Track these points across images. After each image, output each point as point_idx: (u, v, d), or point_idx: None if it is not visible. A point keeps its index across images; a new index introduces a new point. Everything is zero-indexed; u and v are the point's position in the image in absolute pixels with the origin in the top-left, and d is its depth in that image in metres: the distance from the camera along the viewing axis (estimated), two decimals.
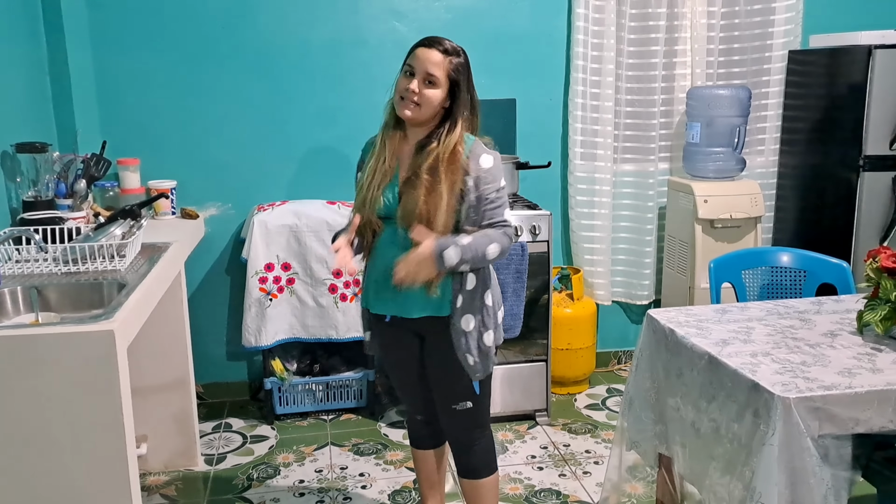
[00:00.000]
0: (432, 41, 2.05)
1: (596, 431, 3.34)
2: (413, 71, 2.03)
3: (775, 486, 1.66)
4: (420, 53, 2.03)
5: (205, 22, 3.34)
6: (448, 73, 2.03)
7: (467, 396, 2.19)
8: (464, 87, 2.06)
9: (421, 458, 2.44)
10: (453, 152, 2.04)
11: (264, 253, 3.23)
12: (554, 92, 3.69)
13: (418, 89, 2.01)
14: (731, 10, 3.66)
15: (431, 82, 2.02)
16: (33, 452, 1.86)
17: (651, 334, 2.21)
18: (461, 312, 2.10)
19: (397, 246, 2.06)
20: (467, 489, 2.32)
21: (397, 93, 2.06)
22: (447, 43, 2.05)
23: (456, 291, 2.10)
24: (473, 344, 2.13)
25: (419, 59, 2.03)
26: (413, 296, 2.08)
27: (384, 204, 2.07)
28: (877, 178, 3.28)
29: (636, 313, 3.97)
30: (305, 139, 3.51)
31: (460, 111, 2.06)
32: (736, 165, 3.57)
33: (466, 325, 2.11)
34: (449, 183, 2.01)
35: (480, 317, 2.14)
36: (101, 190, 3.16)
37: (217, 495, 2.87)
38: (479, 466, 2.28)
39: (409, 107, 2.03)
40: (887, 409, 1.71)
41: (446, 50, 2.04)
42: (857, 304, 2.13)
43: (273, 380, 3.36)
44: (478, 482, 2.29)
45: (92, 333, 1.83)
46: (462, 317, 2.11)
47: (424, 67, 2.01)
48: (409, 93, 2.02)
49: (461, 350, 2.12)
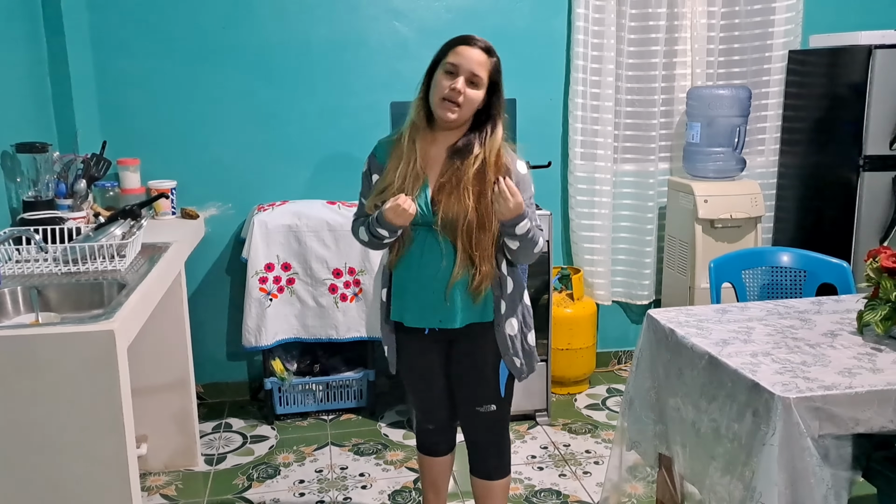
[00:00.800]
0: (473, 39, 1.96)
1: (596, 431, 3.34)
2: (456, 70, 1.94)
3: (775, 486, 1.65)
4: (463, 52, 1.94)
5: (205, 22, 3.34)
6: (490, 74, 1.97)
7: (492, 399, 2.16)
8: (501, 87, 2.00)
9: (429, 464, 2.37)
10: (498, 156, 1.99)
11: (264, 253, 3.23)
12: (554, 92, 3.68)
13: (463, 90, 1.93)
14: (732, 10, 3.65)
15: (475, 83, 1.95)
16: (33, 452, 1.86)
17: (651, 334, 2.21)
18: (506, 316, 2.08)
19: (438, 254, 2.00)
20: (479, 489, 2.30)
21: (438, 93, 1.96)
22: (485, 41, 1.98)
23: (498, 297, 2.07)
24: (518, 346, 2.12)
25: (463, 58, 1.94)
26: (458, 305, 2.03)
27: (418, 212, 1.98)
28: (877, 177, 3.28)
29: (636, 313, 3.96)
30: (305, 139, 3.51)
31: (500, 113, 2.01)
32: (736, 165, 3.57)
33: (511, 329, 2.09)
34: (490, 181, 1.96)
35: (522, 318, 2.13)
36: (102, 190, 3.16)
37: (217, 495, 2.87)
38: (494, 468, 2.26)
39: (452, 109, 1.95)
40: (887, 409, 1.71)
41: (488, 49, 1.97)
42: (858, 304, 2.13)
43: (273, 380, 3.36)
44: (491, 483, 2.26)
45: (92, 333, 1.83)
46: (507, 321, 2.09)
47: (470, 67, 1.93)
48: (454, 93, 1.93)
49: (508, 354, 2.10)
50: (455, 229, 1.97)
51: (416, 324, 2.10)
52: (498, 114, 2.01)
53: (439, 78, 1.96)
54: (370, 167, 2.14)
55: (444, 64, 1.96)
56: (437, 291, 2.02)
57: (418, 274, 2.04)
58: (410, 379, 2.27)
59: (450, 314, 2.05)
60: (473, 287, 2.02)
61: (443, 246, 2.00)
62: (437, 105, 1.97)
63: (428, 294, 2.03)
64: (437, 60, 2.00)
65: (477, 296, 2.03)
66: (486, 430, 2.23)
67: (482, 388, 2.16)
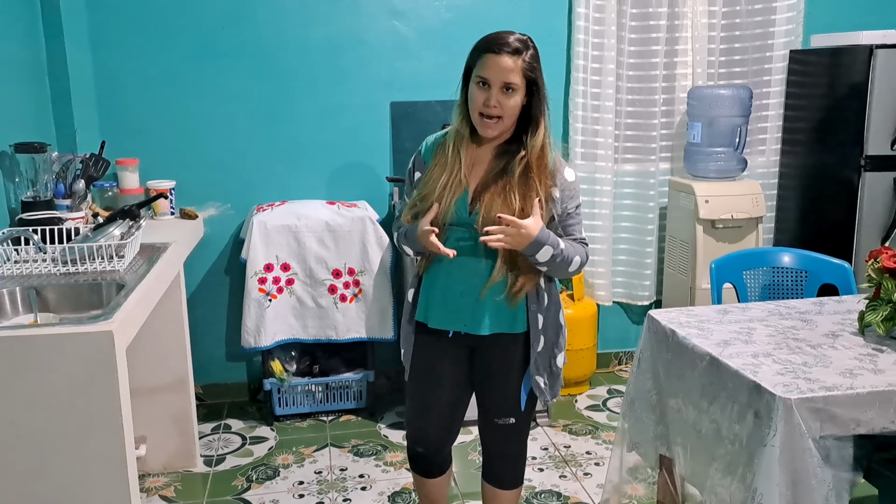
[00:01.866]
0: (500, 45, 1.85)
1: (597, 432, 3.33)
2: (487, 82, 1.86)
3: (776, 487, 1.65)
4: (491, 63, 1.85)
5: (204, 22, 3.33)
6: (524, 75, 1.87)
7: (511, 413, 2.10)
8: (540, 82, 1.90)
9: (422, 483, 2.27)
10: (541, 156, 1.92)
11: (263, 253, 3.22)
12: (554, 92, 3.62)
13: (498, 102, 1.86)
14: (732, 9, 3.65)
15: (511, 89, 1.86)
16: (32, 454, 1.86)
17: (652, 335, 2.21)
18: (539, 333, 2.01)
19: (475, 255, 1.95)
20: (488, 494, 2.24)
21: (475, 107, 1.89)
22: (514, 41, 1.86)
23: (535, 310, 2.00)
24: (545, 365, 2.05)
25: (492, 70, 1.85)
26: (487, 311, 1.97)
27: (455, 213, 1.93)
28: (878, 178, 3.27)
29: (637, 314, 3.96)
30: (305, 139, 3.50)
31: (541, 109, 1.92)
32: (737, 165, 3.56)
33: (540, 345, 2.02)
34: (545, 190, 1.91)
35: (555, 337, 2.06)
36: (100, 190, 3.15)
37: (216, 497, 2.86)
38: (507, 478, 2.20)
39: (491, 125, 1.89)
40: (889, 410, 1.70)
41: (517, 50, 1.86)
42: (859, 304, 2.13)
43: (272, 381, 3.35)
44: (501, 492, 2.21)
45: (91, 334, 1.82)
46: (539, 337, 2.02)
47: (501, 77, 1.84)
48: (489, 109, 1.86)
49: (534, 371, 2.04)
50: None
51: (440, 325, 2.03)
52: (540, 112, 1.92)
53: (473, 90, 1.89)
54: (414, 164, 2.08)
55: (474, 76, 1.89)
56: (469, 294, 1.97)
57: (451, 275, 1.99)
58: (419, 385, 2.15)
59: (477, 320, 1.99)
60: (512, 291, 1.95)
61: (481, 246, 1.92)
62: (475, 120, 1.91)
63: (457, 296, 1.98)
64: (468, 68, 1.93)
65: (513, 301, 1.96)
66: (503, 442, 2.16)
67: (503, 401, 2.09)
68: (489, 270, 1.95)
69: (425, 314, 2.07)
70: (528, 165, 1.91)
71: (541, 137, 1.92)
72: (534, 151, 1.92)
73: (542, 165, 1.93)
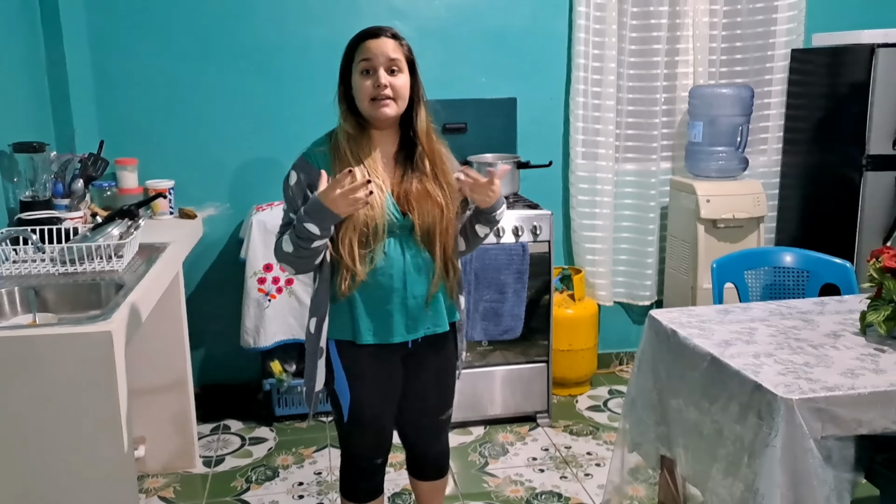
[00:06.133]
0: (378, 31, 1.87)
1: (597, 433, 3.32)
2: (372, 66, 1.84)
3: (778, 488, 1.64)
4: (373, 45, 1.84)
5: (203, 21, 3.33)
6: (406, 56, 1.88)
7: (451, 403, 2.15)
8: (417, 68, 1.91)
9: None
10: (430, 140, 1.94)
11: (263, 253, 3.21)
12: (555, 91, 3.67)
13: (387, 81, 1.83)
14: (734, 8, 3.64)
15: (397, 69, 1.85)
16: (31, 454, 1.85)
17: (653, 335, 2.20)
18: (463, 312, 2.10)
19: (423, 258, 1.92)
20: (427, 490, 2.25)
21: (364, 97, 1.85)
22: (390, 28, 1.90)
23: (458, 295, 2.06)
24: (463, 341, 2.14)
25: (376, 51, 1.84)
26: (440, 307, 1.98)
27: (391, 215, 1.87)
28: (880, 177, 3.26)
29: (638, 314, 3.95)
30: (304, 139, 3.42)
31: (420, 94, 1.92)
32: (738, 165, 3.55)
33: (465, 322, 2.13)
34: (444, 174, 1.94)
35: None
36: (99, 190, 3.15)
37: (215, 497, 2.86)
38: (446, 464, 2.26)
39: (387, 104, 1.84)
40: (890, 411, 1.70)
41: (395, 35, 1.88)
42: (861, 304, 2.12)
43: (272, 381, 3.35)
44: (442, 480, 2.26)
45: (89, 334, 1.82)
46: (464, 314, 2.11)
47: (386, 56, 1.83)
48: (380, 90, 1.83)
49: (462, 351, 2.12)
50: (432, 233, 1.90)
51: (403, 337, 1.94)
52: (417, 99, 1.92)
53: (359, 82, 1.86)
54: (308, 176, 1.90)
55: (356, 66, 1.86)
56: (423, 298, 1.94)
57: (403, 283, 1.90)
58: (372, 412, 2.01)
59: (438, 319, 1.99)
60: (450, 286, 1.99)
61: (423, 251, 1.92)
62: (368, 109, 1.86)
63: (416, 301, 1.94)
64: (346, 65, 1.90)
65: (452, 293, 2.01)
66: (441, 435, 2.19)
67: (447, 394, 2.13)
68: (433, 271, 1.94)
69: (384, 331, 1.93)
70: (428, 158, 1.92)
71: (423, 121, 1.93)
72: (422, 136, 1.92)
73: (431, 148, 1.94)
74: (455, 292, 2.03)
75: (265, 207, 3.30)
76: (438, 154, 1.96)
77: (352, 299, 1.91)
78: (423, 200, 1.89)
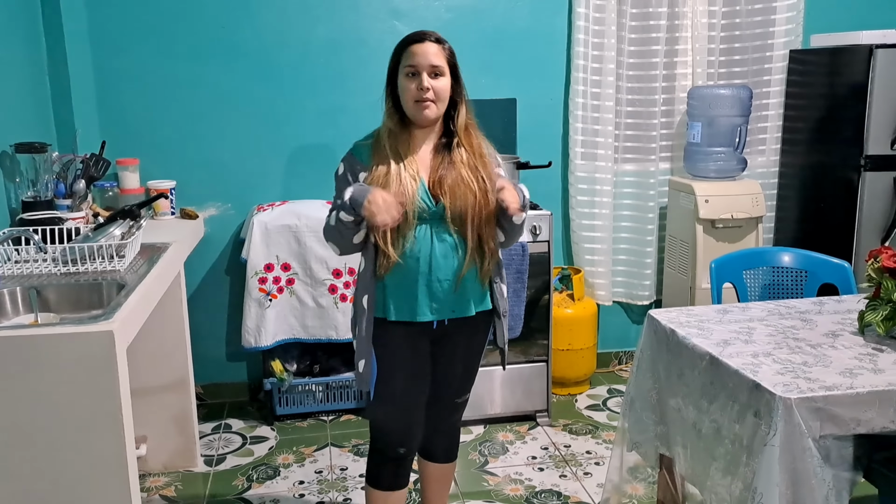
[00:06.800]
0: (423, 36, 2.01)
1: (597, 432, 3.33)
2: (417, 69, 1.98)
3: (776, 487, 1.65)
4: (417, 50, 1.99)
5: (204, 22, 3.33)
6: (448, 61, 2.02)
7: (470, 388, 2.27)
8: (460, 72, 2.05)
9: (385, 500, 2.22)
10: (468, 135, 2.06)
11: (264, 253, 3.22)
12: (554, 91, 3.68)
13: (429, 85, 1.98)
14: (732, 9, 3.65)
15: (439, 73, 1.99)
16: (32, 453, 1.86)
17: (652, 335, 2.21)
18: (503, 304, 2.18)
19: (452, 244, 2.03)
20: (443, 473, 2.38)
21: (409, 98, 1.99)
22: (433, 33, 2.03)
23: (498, 283, 2.15)
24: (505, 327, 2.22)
25: (420, 56, 1.98)
26: (468, 294, 2.08)
27: (422, 203, 1.99)
28: (878, 177, 3.27)
29: (637, 313, 3.96)
30: (305, 139, 3.50)
31: (462, 95, 2.06)
32: (737, 165, 3.56)
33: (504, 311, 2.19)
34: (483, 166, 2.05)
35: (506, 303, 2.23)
36: (101, 190, 3.15)
37: (217, 496, 2.86)
38: (455, 447, 2.38)
39: (428, 106, 1.99)
40: (889, 410, 1.70)
41: (439, 39, 2.02)
42: (859, 304, 2.13)
43: (273, 380, 3.36)
44: (452, 464, 2.39)
45: (91, 334, 1.82)
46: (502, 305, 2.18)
47: (429, 61, 1.98)
48: (423, 92, 1.97)
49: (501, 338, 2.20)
50: (464, 219, 2.01)
51: (428, 317, 2.05)
52: (459, 99, 2.06)
53: (404, 83, 2.00)
54: (349, 169, 2.06)
55: (403, 69, 2.01)
56: (450, 281, 2.04)
57: (434, 266, 2.02)
58: (398, 388, 2.11)
59: (463, 304, 2.09)
60: (483, 273, 2.08)
61: (455, 236, 2.02)
62: (412, 109, 2.01)
63: (442, 286, 2.04)
64: (393, 67, 2.04)
65: (484, 281, 2.10)
66: (454, 414, 2.30)
67: (469, 378, 2.26)
68: (464, 256, 2.03)
69: (411, 311, 2.05)
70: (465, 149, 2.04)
71: (463, 117, 2.06)
72: (461, 132, 2.06)
73: (469, 142, 2.06)
74: (489, 278, 2.12)
75: (266, 208, 3.31)
76: (477, 147, 2.08)
77: (386, 279, 2.05)
78: (456, 187, 2.01)
